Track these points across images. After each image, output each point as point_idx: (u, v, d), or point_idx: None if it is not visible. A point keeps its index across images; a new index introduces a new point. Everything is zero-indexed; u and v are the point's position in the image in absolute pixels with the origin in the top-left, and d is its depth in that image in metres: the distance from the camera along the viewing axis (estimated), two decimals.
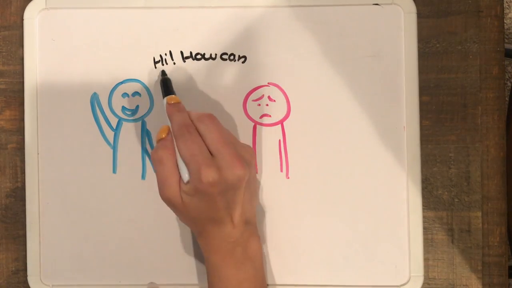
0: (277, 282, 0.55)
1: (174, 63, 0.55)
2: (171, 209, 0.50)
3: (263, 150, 0.55)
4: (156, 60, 0.55)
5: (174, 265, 0.55)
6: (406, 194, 0.55)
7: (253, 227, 0.51)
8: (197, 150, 0.47)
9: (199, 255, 0.55)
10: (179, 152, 0.48)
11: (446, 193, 0.55)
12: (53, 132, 0.55)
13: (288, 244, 0.55)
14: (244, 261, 0.50)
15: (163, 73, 0.55)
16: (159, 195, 0.56)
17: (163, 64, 0.55)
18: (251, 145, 0.55)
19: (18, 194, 0.56)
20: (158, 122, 0.55)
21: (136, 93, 0.55)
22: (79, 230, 0.55)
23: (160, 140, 0.49)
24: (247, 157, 0.49)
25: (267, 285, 0.54)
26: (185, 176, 0.47)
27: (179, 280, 0.55)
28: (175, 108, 0.50)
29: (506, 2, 1.18)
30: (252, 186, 0.51)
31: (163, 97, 0.52)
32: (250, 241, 0.50)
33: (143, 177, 0.55)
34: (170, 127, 0.50)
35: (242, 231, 0.49)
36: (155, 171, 0.49)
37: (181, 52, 0.55)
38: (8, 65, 0.56)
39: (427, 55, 0.55)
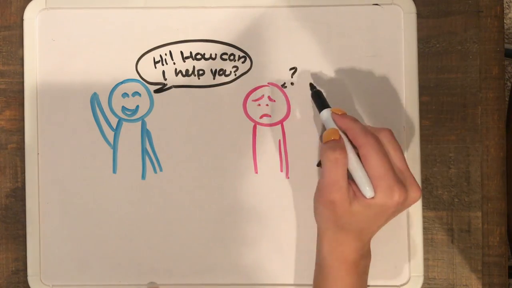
0: (277, 282, 0.55)
1: (174, 63, 0.55)
2: (325, 210, 0.48)
3: (263, 150, 0.55)
4: (156, 60, 0.55)
5: (174, 265, 0.55)
6: None
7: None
8: (389, 167, 0.46)
9: (199, 254, 0.55)
10: (370, 166, 0.47)
11: (446, 193, 0.55)
12: (53, 132, 0.55)
13: (288, 244, 0.55)
14: (363, 273, 0.50)
15: (312, 86, 0.53)
16: (159, 195, 0.55)
17: (163, 64, 0.55)
18: (251, 145, 0.55)
19: (18, 194, 0.56)
20: (158, 122, 0.55)
21: (136, 93, 0.55)
22: (79, 230, 0.55)
23: (333, 141, 0.48)
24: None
25: (268, 284, 0.54)
26: (367, 189, 0.46)
27: (179, 280, 0.55)
28: (350, 119, 0.49)
29: (506, 2, 1.18)
30: None
31: (320, 111, 0.51)
32: (368, 256, 0.51)
33: (143, 177, 0.55)
34: (340, 134, 0.49)
35: (368, 246, 0.50)
36: (324, 169, 0.48)
37: (181, 52, 0.55)
38: (8, 65, 0.56)
39: (427, 55, 0.55)
